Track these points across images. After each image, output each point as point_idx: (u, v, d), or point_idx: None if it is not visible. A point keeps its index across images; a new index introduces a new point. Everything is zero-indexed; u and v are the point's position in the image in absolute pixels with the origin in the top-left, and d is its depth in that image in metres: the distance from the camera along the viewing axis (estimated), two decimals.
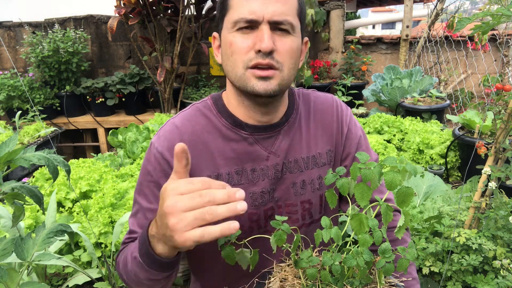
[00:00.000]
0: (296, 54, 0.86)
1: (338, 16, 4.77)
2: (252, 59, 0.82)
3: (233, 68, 0.85)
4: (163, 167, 0.89)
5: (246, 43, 0.82)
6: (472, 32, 1.03)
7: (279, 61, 0.83)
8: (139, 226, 0.92)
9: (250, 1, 0.81)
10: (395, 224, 0.97)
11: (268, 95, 0.84)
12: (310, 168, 0.98)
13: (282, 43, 0.83)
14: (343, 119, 1.02)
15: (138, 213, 0.93)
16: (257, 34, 0.81)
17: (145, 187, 0.92)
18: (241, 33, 0.82)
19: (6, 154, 0.74)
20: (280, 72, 0.83)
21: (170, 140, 0.90)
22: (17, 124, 3.73)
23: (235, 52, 0.83)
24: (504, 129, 1.38)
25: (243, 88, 0.85)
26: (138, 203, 0.93)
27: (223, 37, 0.86)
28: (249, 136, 0.93)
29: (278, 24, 0.82)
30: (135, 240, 0.91)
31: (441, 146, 2.66)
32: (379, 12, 24.52)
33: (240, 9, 0.81)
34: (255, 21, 0.81)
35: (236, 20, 0.82)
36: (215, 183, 0.62)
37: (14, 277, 0.75)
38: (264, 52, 0.80)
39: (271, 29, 0.82)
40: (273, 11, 0.80)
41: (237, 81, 0.85)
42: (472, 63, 4.51)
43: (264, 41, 0.79)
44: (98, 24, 4.86)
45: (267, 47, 0.79)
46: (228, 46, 0.84)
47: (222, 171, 0.92)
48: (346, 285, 0.69)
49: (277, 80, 0.83)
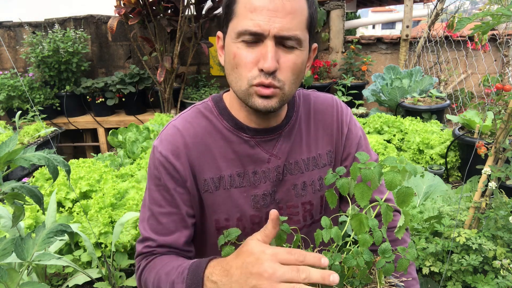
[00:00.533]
0: (300, 68, 0.84)
1: (338, 16, 4.77)
2: (256, 77, 0.80)
3: (237, 81, 0.83)
4: (168, 170, 0.89)
5: (250, 57, 0.79)
6: (472, 32, 1.03)
7: (280, 79, 0.80)
8: (153, 231, 0.91)
9: (257, 13, 0.76)
10: (395, 224, 0.97)
11: (268, 111, 0.84)
12: (311, 169, 0.98)
13: (287, 59, 0.80)
14: (343, 119, 1.02)
15: (150, 219, 0.92)
16: (261, 49, 0.78)
17: (154, 191, 0.92)
18: (245, 45, 0.80)
19: (6, 154, 0.74)
20: (280, 91, 0.82)
21: (173, 143, 0.90)
22: (17, 124, 3.73)
23: (239, 66, 0.81)
24: (504, 129, 1.38)
25: (244, 102, 0.85)
26: (149, 208, 0.92)
27: (227, 44, 0.84)
28: (250, 139, 0.92)
29: (285, 39, 0.78)
30: (153, 251, 0.90)
31: (441, 146, 2.66)
32: (379, 12, 24.51)
33: (245, 20, 0.78)
34: (260, 35, 0.77)
35: (241, 31, 0.78)
36: (309, 256, 0.63)
37: (14, 277, 0.75)
38: (267, 72, 0.78)
39: (276, 44, 0.78)
40: (280, 27, 0.76)
41: (240, 94, 0.84)
42: (472, 63, 4.51)
43: (267, 61, 0.77)
44: (98, 24, 4.86)
45: (269, 67, 0.77)
46: (232, 56, 0.82)
47: (224, 173, 0.92)
48: (346, 285, 0.69)
49: (278, 98, 0.82)
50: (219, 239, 0.76)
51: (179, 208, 0.91)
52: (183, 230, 0.91)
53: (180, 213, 0.91)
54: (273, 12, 0.76)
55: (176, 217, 0.91)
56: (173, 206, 0.91)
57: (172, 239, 0.90)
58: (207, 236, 0.98)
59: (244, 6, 0.78)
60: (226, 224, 0.94)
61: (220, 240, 0.76)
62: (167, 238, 0.90)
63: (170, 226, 0.90)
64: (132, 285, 1.70)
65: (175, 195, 0.90)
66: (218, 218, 0.93)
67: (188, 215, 0.92)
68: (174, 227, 0.91)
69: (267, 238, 0.69)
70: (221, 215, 0.93)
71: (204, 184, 0.91)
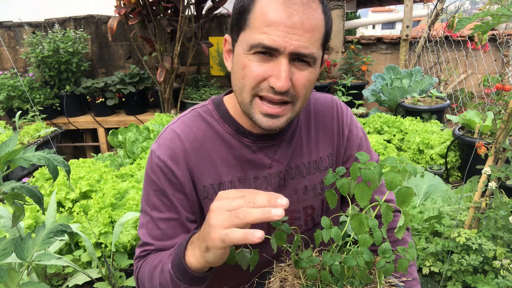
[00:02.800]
0: (312, 84, 0.81)
1: (338, 16, 4.76)
2: (263, 90, 0.77)
3: (241, 91, 0.80)
4: (167, 175, 0.87)
5: (260, 71, 0.75)
6: (472, 32, 1.03)
7: (294, 95, 0.77)
8: (151, 237, 0.89)
9: (273, 27, 0.72)
10: (395, 224, 0.97)
11: (273, 131, 0.82)
12: (312, 173, 0.97)
13: (300, 76, 0.76)
14: (343, 121, 1.00)
15: (149, 224, 0.90)
16: (274, 66, 0.74)
17: (152, 196, 0.90)
18: (257, 58, 0.76)
19: (6, 154, 0.74)
20: (292, 106, 0.79)
21: (172, 148, 0.88)
22: (17, 124, 3.73)
23: (246, 77, 0.77)
24: (504, 129, 1.38)
25: (247, 114, 0.82)
26: (148, 214, 0.91)
27: (237, 54, 0.80)
28: (252, 144, 0.91)
29: (300, 56, 0.75)
30: (150, 253, 0.89)
31: (441, 146, 2.66)
32: (379, 12, 24.51)
33: (259, 34, 0.73)
34: (275, 50, 0.73)
35: (254, 44, 0.74)
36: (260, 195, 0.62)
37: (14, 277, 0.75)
38: (279, 92, 0.75)
39: (290, 60, 0.75)
40: (298, 45, 0.73)
41: (242, 105, 0.82)
42: (472, 63, 4.51)
43: (280, 80, 0.73)
44: (98, 24, 4.86)
45: (282, 87, 0.73)
46: (241, 67, 0.78)
47: (225, 179, 0.90)
48: (346, 285, 0.69)
49: (287, 115, 0.80)
50: None
51: (179, 214, 0.89)
52: (182, 235, 0.89)
53: (180, 219, 0.89)
54: (290, 29, 0.72)
55: (175, 222, 0.89)
56: (172, 211, 0.89)
57: (171, 245, 0.88)
58: None
59: (260, 19, 0.74)
60: None
61: None
62: (165, 243, 0.89)
63: (169, 232, 0.89)
64: (132, 285, 1.70)
65: (174, 201, 0.88)
66: None
67: (188, 220, 0.90)
68: (172, 233, 0.89)
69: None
70: None
71: (204, 190, 0.89)
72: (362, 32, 13.15)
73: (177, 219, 0.89)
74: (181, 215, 0.89)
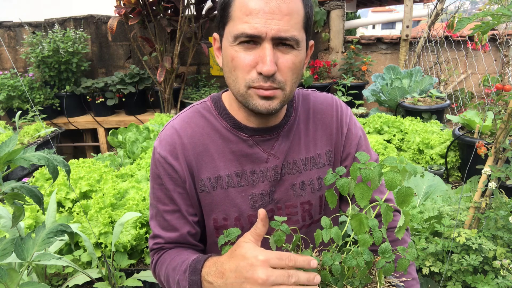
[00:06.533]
0: (299, 67, 0.84)
1: (338, 16, 4.77)
2: (254, 80, 0.80)
3: (235, 84, 0.83)
4: (167, 171, 0.91)
5: (248, 59, 0.79)
6: (472, 32, 1.03)
7: (281, 81, 0.81)
8: (161, 227, 0.95)
9: (253, 16, 0.76)
10: (395, 224, 0.97)
11: (270, 113, 0.84)
12: (309, 169, 0.98)
13: (285, 59, 0.80)
14: (343, 119, 1.01)
15: (157, 216, 0.96)
16: (259, 52, 0.78)
17: (157, 190, 0.95)
18: (243, 48, 0.79)
19: (6, 154, 0.74)
20: (282, 91, 0.82)
21: (171, 144, 0.92)
22: (17, 124, 3.73)
23: (237, 68, 0.81)
24: (504, 129, 1.38)
25: (245, 104, 0.85)
26: (155, 206, 0.96)
27: (225, 48, 0.84)
28: (249, 139, 0.93)
29: (282, 41, 0.78)
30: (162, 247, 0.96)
31: (441, 146, 2.66)
32: (379, 12, 24.52)
33: (241, 24, 0.77)
34: (258, 37, 0.77)
35: (237, 34, 0.78)
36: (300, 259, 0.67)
37: (14, 277, 0.75)
38: (266, 75, 0.78)
39: (274, 45, 0.78)
40: (277, 29, 0.76)
41: (239, 96, 0.85)
42: (472, 63, 4.51)
43: (266, 64, 0.77)
44: (98, 24, 4.86)
45: (268, 71, 0.77)
46: (229, 60, 0.82)
47: (222, 173, 0.92)
48: (346, 285, 0.69)
49: (279, 99, 0.83)
50: (219, 239, 0.76)
51: (180, 207, 0.93)
52: (187, 226, 0.94)
53: (181, 211, 0.94)
54: (269, 15, 0.76)
55: (179, 214, 0.94)
56: (174, 204, 0.94)
57: (178, 235, 0.94)
58: (205, 235, 0.99)
59: (240, 10, 0.78)
60: (224, 223, 0.95)
61: (220, 240, 0.76)
62: (172, 235, 0.94)
63: (174, 223, 0.94)
64: (132, 285, 1.70)
65: (174, 196, 0.92)
66: (216, 217, 0.94)
67: (188, 214, 0.94)
68: (178, 224, 0.94)
69: (258, 237, 0.73)
70: (219, 214, 0.94)
71: (201, 184, 0.92)
72: (362, 32, 13.16)
73: (179, 210, 0.94)
74: (182, 209, 0.93)
